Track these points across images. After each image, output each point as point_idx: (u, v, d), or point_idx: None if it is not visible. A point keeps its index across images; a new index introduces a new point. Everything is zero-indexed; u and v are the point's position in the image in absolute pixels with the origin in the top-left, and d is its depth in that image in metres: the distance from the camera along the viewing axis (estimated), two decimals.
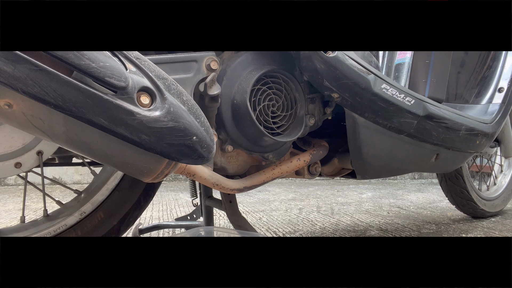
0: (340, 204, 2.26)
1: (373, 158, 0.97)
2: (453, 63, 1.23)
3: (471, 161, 1.88)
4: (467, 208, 1.72)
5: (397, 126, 0.93)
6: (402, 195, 2.66)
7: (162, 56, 0.73)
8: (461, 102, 1.30)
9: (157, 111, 0.57)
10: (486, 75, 1.31)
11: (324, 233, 1.51)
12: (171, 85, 0.60)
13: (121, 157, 0.60)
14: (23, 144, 0.89)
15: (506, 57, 1.30)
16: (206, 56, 0.76)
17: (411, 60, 1.06)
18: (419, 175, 3.94)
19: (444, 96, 1.04)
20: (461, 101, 1.30)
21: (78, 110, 0.52)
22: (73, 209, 0.98)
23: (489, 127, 1.13)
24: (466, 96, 1.31)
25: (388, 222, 1.73)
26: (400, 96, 0.91)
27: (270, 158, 0.91)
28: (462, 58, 1.37)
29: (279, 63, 0.86)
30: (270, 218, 1.82)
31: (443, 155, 1.08)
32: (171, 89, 0.60)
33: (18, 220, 1.07)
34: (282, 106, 0.85)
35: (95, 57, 0.52)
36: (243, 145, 0.85)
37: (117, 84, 0.53)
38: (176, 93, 0.60)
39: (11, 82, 0.48)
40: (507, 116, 1.25)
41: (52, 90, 0.50)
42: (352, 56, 0.85)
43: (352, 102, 0.87)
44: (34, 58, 0.49)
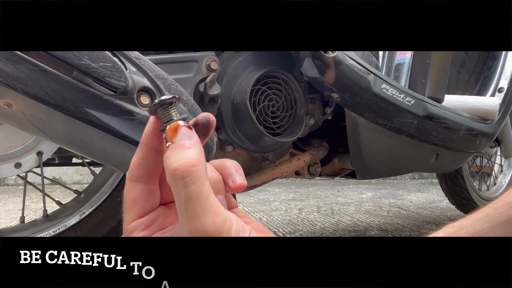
0: (340, 204, 2.26)
1: (373, 158, 0.97)
2: (453, 63, 1.23)
3: (471, 161, 1.88)
4: (467, 208, 1.72)
5: (397, 126, 0.93)
6: (402, 195, 2.66)
7: (162, 56, 0.73)
8: None
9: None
10: (486, 75, 1.31)
11: (324, 233, 1.51)
12: (171, 85, 0.60)
13: (121, 157, 0.60)
14: (23, 144, 0.89)
15: (506, 57, 1.30)
16: (206, 56, 0.76)
17: (411, 60, 1.06)
18: (419, 175, 3.94)
19: (444, 96, 1.04)
20: None
21: (78, 110, 0.52)
22: (73, 209, 0.98)
23: (489, 127, 1.13)
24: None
25: (388, 222, 1.73)
26: (400, 96, 0.91)
27: (270, 158, 0.91)
28: (462, 58, 1.37)
29: (279, 63, 0.86)
30: (270, 218, 1.82)
31: (443, 155, 1.08)
32: (171, 89, 0.60)
33: (18, 220, 1.07)
34: (282, 106, 0.84)
35: (95, 57, 0.52)
36: (243, 145, 0.85)
37: (117, 84, 0.53)
38: (176, 93, 0.60)
39: (11, 82, 0.48)
40: (507, 116, 1.25)
41: (52, 90, 0.50)
42: (352, 56, 0.85)
43: (352, 102, 0.87)
44: (34, 58, 0.49)
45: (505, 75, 1.27)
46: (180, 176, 0.25)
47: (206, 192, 0.26)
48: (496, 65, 1.29)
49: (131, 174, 0.29)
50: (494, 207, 0.36)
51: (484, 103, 1.13)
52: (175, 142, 0.26)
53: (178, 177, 0.25)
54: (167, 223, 0.31)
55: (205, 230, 0.26)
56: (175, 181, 0.25)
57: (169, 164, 0.26)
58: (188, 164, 0.25)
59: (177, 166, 0.25)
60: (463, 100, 1.11)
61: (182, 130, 0.27)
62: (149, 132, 0.29)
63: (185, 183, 0.25)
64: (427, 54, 1.01)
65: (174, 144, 0.26)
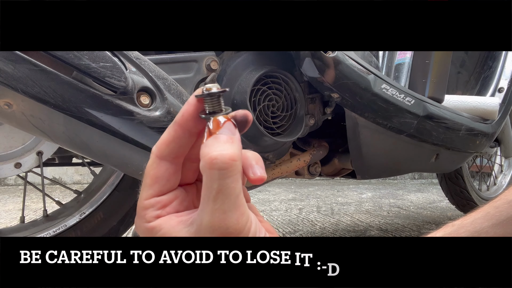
0: (340, 204, 2.26)
1: (373, 158, 0.97)
2: (453, 63, 1.23)
3: (471, 161, 1.88)
4: (467, 208, 1.72)
5: (397, 126, 0.93)
6: (402, 195, 2.66)
7: (162, 56, 0.73)
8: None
9: (157, 111, 0.57)
10: (486, 75, 1.31)
11: (324, 233, 1.51)
12: (171, 85, 0.60)
13: (121, 157, 0.60)
14: (23, 144, 0.89)
15: (506, 57, 1.30)
16: (206, 56, 0.76)
17: (411, 60, 1.06)
18: (419, 175, 3.94)
19: (444, 96, 1.04)
20: None
21: (78, 110, 0.52)
22: (73, 209, 0.98)
23: (489, 127, 1.13)
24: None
25: (388, 222, 1.73)
26: (400, 96, 0.91)
27: (270, 158, 0.91)
28: (462, 58, 1.37)
29: (279, 63, 0.86)
30: (270, 218, 1.82)
31: (443, 155, 1.08)
32: (171, 89, 0.60)
33: (18, 220, 1.07)
34: (282, 106, 0.84)
35: (95, 57, 0.52)
36: (243, 145, 0.85)
37: (117, 84, 0.53)
38: (176, 93, 0.60)
39: (11, 82, 0.48)
40: (507, 116, 1.25)
41: (52, 90, 0.50)
42: (352, 56, 0.85)
43: (352, 102, 0.87)
44: (34, 58, 0.49)
45: (505, 75, 1.27)
46: (218, 167, 0.25)
47: (238, 189, 0.26)
48: (496, 65, 1.29)
49: (160, 151, 0.29)
50: (494, 206, 0.36)
51: (484, 103, 1.13)
52: (219, 134, 0.26)
53: (216, 167, 0.25)
54: (183, 207, 0.31)
55: (226, 226, 0.26)
56: (211, 170, 0.25)
57: (208, 152, 0.25)
58: (229, 157, 0.25)
59: (217, 156, 0.25)
60: (463, 100, 1.11)
61: (228, 124, 0.27)
62: (188, 114, 0.29)
63: (221, 174, 0.25)
64: (427, 54, 1.01)
65: (217, 135, 0.26)
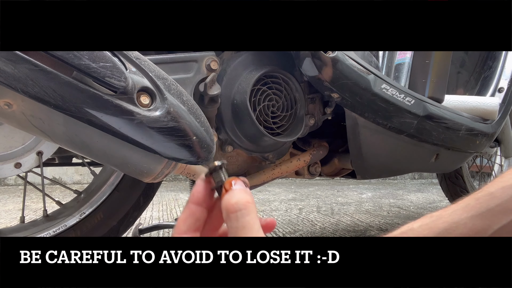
0: (340, 204, 2.26)
1: (373, 158, 0.97)
2: (453, 63, 1.23)
3: (471, 161, 1.88)
4: None
5: (397, 126, 0.93)
6: (402, 195, 2.66)
7: (162, 56, 0.73)
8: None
9: (157, 111, 0.57)
10: (486, 75, 1.31)
11: (324, 233, 1.51)
12: (171, 85, 0.60)
13: (121, 157, 0.60)
14: (23, 144, 0.89)
15: (506, 57, 1.30)
16: (206, 56, 0.76)
17: (411, 60, 1.05)
18: (419, 175, 3.94)
19: (444, 96, 1.04)
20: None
21: (78, 110, 0.52)
22: (73, 209, 0.98)
23: (489, 127, 1.13)
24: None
25: (388, 222, 1.73)
26: (400, 96, 0.91)
27: (270, 158, 0.91)
28: (462, 58, 1.37)
29: (279, 63, 0.86)
30: None
31: (443, 155, 1.08)
32: (171, 89, 0.60)
33: (18, 220, 1.07)
34: (282, 106, 0.84)
35: (95, 57, 0.52)
36: (243, 145, 0.85)
37: (117, 84, 0.53)
38: (176, 93, 0.60)
39: (11, 82, 0.48)
40: (507, 116, 1.25)
41: (52, 90, 0.50)
42: (352, 56, 0.85)
43: (352, 102, 0.87)
44: (34, 58, 0.49)
45: (505, 75, 1.27)
46: (238, 208, 0.30)
47: (258, 225, 0.31)
48: (496, 65, 1.29)
49: (179, 229, 0.34)
50: (475, 198, 0.35)
51: (484, 103, 1.12)
52: (234, 188, 0.32)
53: (237, 209, 0.30)
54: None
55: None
56: (234, 214, 0.30)
57: (228, 200, 0.31)
58: (246, 200, 0.31)
59: (237, 201, 0.31)
60: (463, 100, 1.11)
61: (239, 181, 0.33)
62: (199, 193, 0.34)
63: (242, 214, 0.30)
64: (427, 54, 1.01)
65: (232, 189, 0.32)
